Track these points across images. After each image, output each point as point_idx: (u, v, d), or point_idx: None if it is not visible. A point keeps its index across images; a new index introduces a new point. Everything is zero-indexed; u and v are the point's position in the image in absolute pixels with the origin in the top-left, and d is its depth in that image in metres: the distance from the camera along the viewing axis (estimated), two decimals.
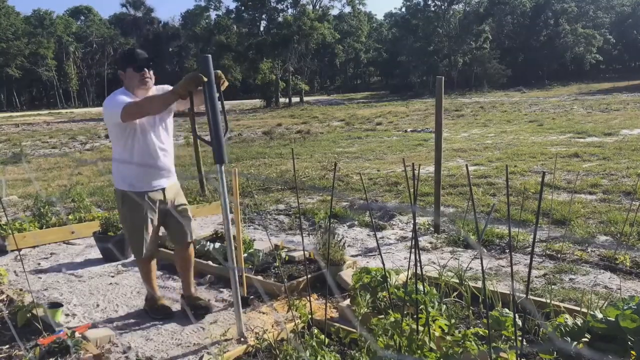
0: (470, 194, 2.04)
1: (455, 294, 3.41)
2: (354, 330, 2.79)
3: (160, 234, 3.72)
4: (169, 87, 3.30)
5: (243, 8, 52.94)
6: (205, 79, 2.94)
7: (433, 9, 62.12)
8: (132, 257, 5.04)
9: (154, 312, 3.67)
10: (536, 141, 12.67)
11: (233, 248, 3.25)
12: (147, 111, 3.19)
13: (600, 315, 2.51)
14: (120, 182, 3.38)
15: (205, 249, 4.69)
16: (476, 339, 2.33)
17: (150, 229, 3.43)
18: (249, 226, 6.20)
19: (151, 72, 3.34)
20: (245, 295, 3.78)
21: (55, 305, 3.61)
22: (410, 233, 5.51)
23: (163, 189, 3.44)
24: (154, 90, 3.39)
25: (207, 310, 3.60)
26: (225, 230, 3.16)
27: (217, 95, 3.01)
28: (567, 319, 2.61)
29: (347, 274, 3.95)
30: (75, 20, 78.55)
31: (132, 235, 3.47)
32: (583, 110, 22.46)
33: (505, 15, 65.94)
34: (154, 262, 3.72)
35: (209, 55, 3.01)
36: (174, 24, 77.15)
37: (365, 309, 3.14)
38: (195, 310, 3.59)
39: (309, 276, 3.56)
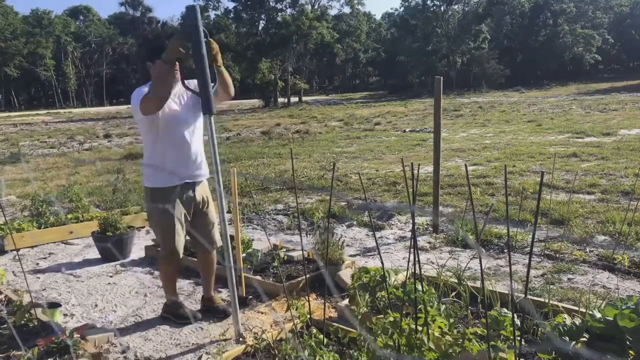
0: (469, 193, 2.04)
1: (454, 293, 3.41)
2: (353, 330, 2.79)
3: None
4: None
5: (242, 8, 52.89)
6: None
7: (432, 9, 62.10)
8: (130, 257, 5.05)
9: (178, 317, 3.54)
10: (535, 141, 12.68)
11: (230, 247, 3.25)
12: (155, 95, 3.07)
13: (598, 315, 2.52)
14: (150, 179, 3.30)
15: None
16: (475, 339, 2.33)
17: (179, 226, 3.34)
18: (247, 226, 6.20)
19: (175, 68, 3.20)
20: (244, 295, 3.78)
21: (54, 305, 3.60)
22: (409, 233, 5.52)
23: (193, 187, 3.35)
24: (190, 83, 3.27)
25: (225, 314, 3.52)
26: (222, 229, 3.16)
27: (204, 47, 2.95)
28: (565, 318, 2.61)
29: (345, 274, 3.95)
30: (74, 20, 78.44)
31: (162, 233, 3.38)
32: (581, 110, 22.48)
33: (503, 15, 66.01)
34: (177, 265, 3.60)
35: (196, 5, 2.97)
36: (173, 24, 77.09)
37: (364, 309, 3.14)
38: (215, 314, 3.56)
39: (307, 276, 3.55)
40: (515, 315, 2.34)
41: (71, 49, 71.45)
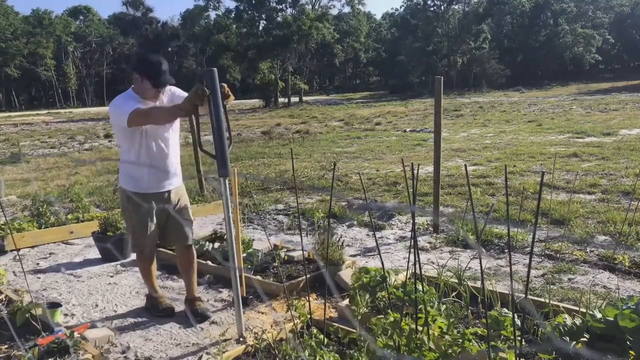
0: (469, 193, 2.04)
1: (454, 293, 3.41)
2: (353, 330, 2.79)
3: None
4: (180, 91, 3.39)
5: (242, 8, 52.89)
6: (209, 92, 2.93)
7: (432, 9, 62.13)
8: (131, 257, 5.05)
9: (156, 310, 3.67)
10: (535, 141, 12.68)
11: (234, 249, 3.25)
12: (152, 121, 3.23)
13: (599, 315, 2.52)
14: (125, 181, 3.40)
15: (204, 248, 4.69)
16: (475, 339, 2.33)
17: (152, 228, 3.45)
18: (247, 226, 6.20)
19: (159, 92, 3.34)
20: (244, 295, 3.77)
21: (54, 305, 3.60)
22: (410, 233, 5.52)
23: (168, 191, 3.45)
24: (167, 91, 3.39)
25: (204, 317, 3.54)
26: (227, 234, 3.16)
27: (222, 109, 2.98)
28: (566, 318, 2.61)
29: (346, 274, 3.95)
30: (74, 20, 78.48)
31: (134, 234, 3.50)
32: (582, 110, 22.48)
33: (504, 15, 66.03)
34: (154, 261, 3.72)
35: (215, 69, 2.98)
36: (174, 24, 77.20)
37: (364, 309, 3.14)
38: (194, 316, 3.58)
39: (307, 276, 3.55)
40: (515, 316, 2.34)
41: (72, 49, 71.50)
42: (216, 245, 4.79)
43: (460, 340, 2.29)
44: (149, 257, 3.62)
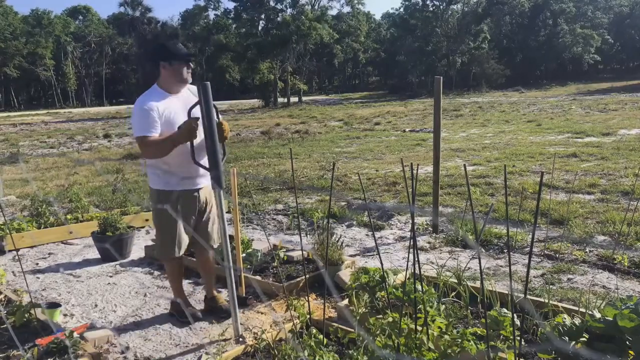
0: (469, 193, 2.04)
1: (453, 293, 3.41)
2: (352, 330, 2.79)
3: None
4: (193, 88, 3.33)
5: (242, 8, 52.87)
6: (202, 108, 2.95)
7: (431, 8, 62.09)
8: (130, 257, 5.05)
9: (181, 315, 3.57)
10: (534, 141, 12.68)
11: (229, 247, 3.25)
12: (150, 156, 3.17)
13: (598, 315, 2.52)
14: (154, 181, 3.34)
15: None
16: (474, 339, 2.33)
17: (182, 228, 3.37)
18: (247, 226, 6.20)
19: (189, 70, 3.27)
20: (244, 295, 3.78)
21: (54, 306, 3.60)
22: (409, 233, 5.52)
23: (197, 190, 3.37)
24: (187, 90, 3.35)
25: (228, 314, 3.47)
26: (221, 229, 3.16)
27: (215, 124, 3.00)
28: (565, 318, 2.61)
29: (345, 274, 3.95)
30: (73, 20, 78.41)
31: (163, 235, 3.42)
32: (581, 110, 22.48)
33: (503, 15, 65.99)
34: (182, 265, 3.66)
35: (208, 83, 2.99)
36: (173, 24, 77.20)
37: (364, 309, 3.14)
38: (217, 313, 3.57)
39: (307, 276, 3.55)
40: (515, 315, 2.34)
41: (71, 49, 71.43)
42: (216, 245, 4.78)
43: (460, 340, 2.29)
44: (178, 260, 3.53)
